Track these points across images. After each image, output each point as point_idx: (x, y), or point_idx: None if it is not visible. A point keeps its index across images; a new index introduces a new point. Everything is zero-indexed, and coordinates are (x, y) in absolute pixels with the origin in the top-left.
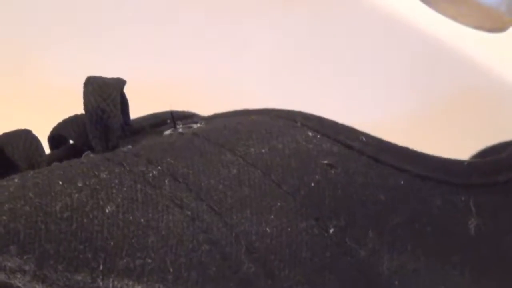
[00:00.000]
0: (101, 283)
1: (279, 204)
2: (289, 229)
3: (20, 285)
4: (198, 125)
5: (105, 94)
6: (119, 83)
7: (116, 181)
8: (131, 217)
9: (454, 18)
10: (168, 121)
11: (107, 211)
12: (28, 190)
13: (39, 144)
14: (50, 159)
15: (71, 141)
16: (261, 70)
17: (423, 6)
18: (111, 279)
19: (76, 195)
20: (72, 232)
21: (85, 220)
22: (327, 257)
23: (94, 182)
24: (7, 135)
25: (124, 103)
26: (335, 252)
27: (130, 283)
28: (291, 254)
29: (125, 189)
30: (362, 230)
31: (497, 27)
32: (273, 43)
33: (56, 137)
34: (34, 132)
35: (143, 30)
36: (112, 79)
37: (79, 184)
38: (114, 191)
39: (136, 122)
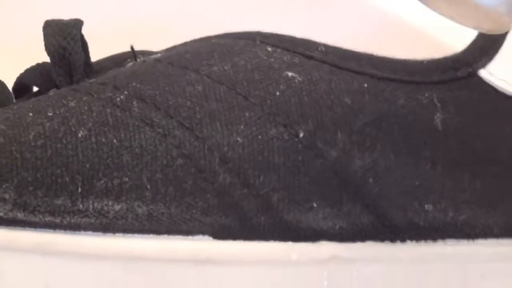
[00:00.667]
0: (81, 206)
1: (247, 114)
2: (259, 137)
3: (1, 214)
4: (159, 55)
5: (65, 33)
6: (77, 23)
7: (86, 108)
8: (103, 139)
9: (453, 18)
10: (129, 59)
11: (79, 135)
12: None
13: (5, 88)
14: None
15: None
16: None
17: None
18: (90, 201)
19: (48, 123)
20: (47, 158)
21: (59, 145)
22: (299, 160)
23: (64, 111)
24: None
25: (83, 43)
26: (307, 155)
27: (110, 203)
28: (264, 161)
29: (94, 114)
30: (331, 132)
31: (496, 28)
32: None
33: (19, 86)
34: None
35: None
36: (70, 20)
37: (49, 114)
38: (84, 116)
39: (97, 64)
